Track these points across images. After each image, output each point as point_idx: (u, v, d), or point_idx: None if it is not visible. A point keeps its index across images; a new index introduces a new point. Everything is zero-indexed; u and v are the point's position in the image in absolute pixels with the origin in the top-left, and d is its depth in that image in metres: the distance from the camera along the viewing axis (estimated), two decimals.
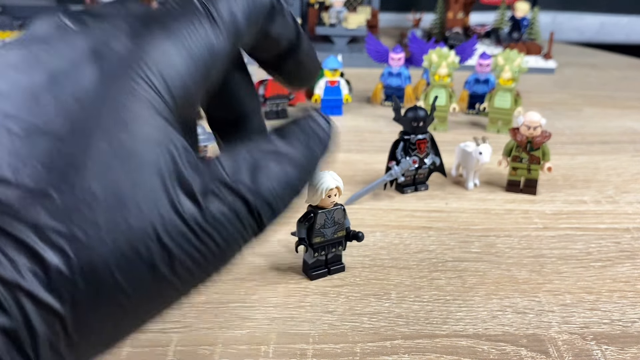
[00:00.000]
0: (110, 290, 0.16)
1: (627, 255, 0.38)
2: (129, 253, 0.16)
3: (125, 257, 0.16)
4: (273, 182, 0.19)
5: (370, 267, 0.36)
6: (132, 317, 0.17)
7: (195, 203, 0.17)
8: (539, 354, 0.28)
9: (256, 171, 0.19)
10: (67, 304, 0.15)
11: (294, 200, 0.20)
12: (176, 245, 0.17)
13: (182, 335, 0.29)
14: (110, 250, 0.15)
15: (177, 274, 0.17)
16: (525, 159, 0.46)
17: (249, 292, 0.33)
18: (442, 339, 0.29)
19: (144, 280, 0.16)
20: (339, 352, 0.28)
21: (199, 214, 0.17)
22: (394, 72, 0.71)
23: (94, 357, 0.17)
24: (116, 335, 0.17)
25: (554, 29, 1.19)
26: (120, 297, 0.16)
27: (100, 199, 0.15)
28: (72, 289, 0.15)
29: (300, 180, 0.20)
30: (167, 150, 0.17)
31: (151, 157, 0.17)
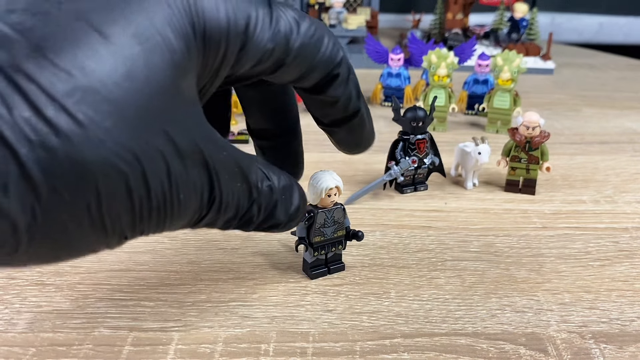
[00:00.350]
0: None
1: (626, 255, 0.38)
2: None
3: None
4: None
5: (369, 266, 0.36)
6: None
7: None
8: (538, 353, 0.28)
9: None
10: (47, 175, 0.15)
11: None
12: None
13: (183, 333, 0.29)
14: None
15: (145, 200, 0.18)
16: (524, 159, 0.46)
17: (249, 291, 0.33)
18: (441, 338, 0.29)
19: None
20: (339, 350, 0.28)
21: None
22: (393, 72, 0.71)
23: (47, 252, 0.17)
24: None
25: (552, 29, 1.20)
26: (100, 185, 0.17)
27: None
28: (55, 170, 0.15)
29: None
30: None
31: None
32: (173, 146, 0.18)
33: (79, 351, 0.28)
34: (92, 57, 0.16)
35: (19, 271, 0.34)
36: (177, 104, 0.18)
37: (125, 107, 0.16)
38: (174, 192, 0.19)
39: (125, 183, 0.17)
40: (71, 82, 0.15)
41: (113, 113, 0.16)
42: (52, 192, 0.16)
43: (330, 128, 0.28)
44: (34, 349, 0.28)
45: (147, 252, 0.36)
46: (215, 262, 0.36)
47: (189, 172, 0.19)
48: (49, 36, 0.16)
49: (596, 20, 1.49)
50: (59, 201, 0.16)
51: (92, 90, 0.16)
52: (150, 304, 0.31)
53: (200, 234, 0.39)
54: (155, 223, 0.19)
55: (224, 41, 0.20)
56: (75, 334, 0.29)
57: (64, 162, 0.15)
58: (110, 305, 0.31)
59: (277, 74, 0.23)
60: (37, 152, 0.15)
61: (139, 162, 0.17)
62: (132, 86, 0.17)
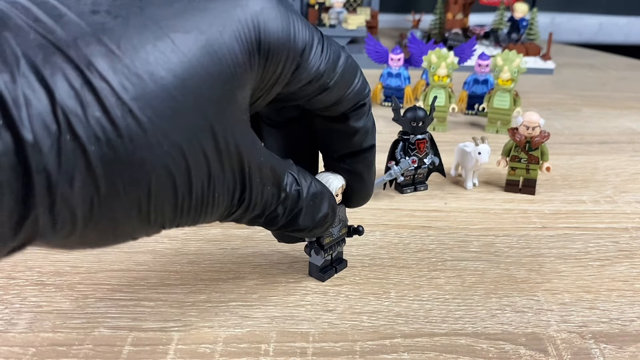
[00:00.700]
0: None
1: (626, 255, 0.38)
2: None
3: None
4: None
5: (369, 266, 0.36)
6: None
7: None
8: (538, 353, 0.28)
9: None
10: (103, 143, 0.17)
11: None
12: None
13: (183, 333, 0.29)
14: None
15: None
16: (524, 159, 0.46)
17: (249, 291, 0.33)
18: (441, 338, 0.29)
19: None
20: (339, 350, 0.28)
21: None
22: (393, 72, 0.71)
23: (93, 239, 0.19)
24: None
25: (552, 29, 1.20)
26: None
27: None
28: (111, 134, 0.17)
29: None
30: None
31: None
32: (218, 151, 0.20)
33: (79, 351, 0.28)
34: (162, 64, 0.17)
35: (19, 271, 0.34)
36: (231, 113, 0.20)
37: (184, 112, 0.18)
38: (211, 191, 0.20)
39: (173, 181, 0.19)
40: (140, 87, 0.17)
41: (172, 117, 0.18)
42: (110, 186, 0.17)
43: (338, 164, 0.30)
44: (33, 349, 0.28)
45: (147, 252, 0.36)
46: (215, 262, 0.36)
47: (226, 174, 0.21)
48: (126, 39, 0.17)
49: (596, 20, 1.49)
50: (115, 195, 0.17)
51: (157, 95, 0.17)
52: (150, 304, 0.31)
53: (200, 234, 0.39)
54: (192, 217, 0.21)
55: (282, 60, 0.22)
56: (75, 334, 0.29)
57: (124, 160, 0.17)
58: (110, 305, 0.31)
59: (320, 96, 0.25)
60: (103, 150, 0.16)
61: (187, 163, 0.19)
62: (193, 92, 0.18)
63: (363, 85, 0.28)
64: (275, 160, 0.25)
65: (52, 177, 0.16)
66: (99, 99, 0.16)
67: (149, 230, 0.20)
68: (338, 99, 0.26)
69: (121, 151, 0.17)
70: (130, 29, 0.17)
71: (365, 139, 0.29)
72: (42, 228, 0.16)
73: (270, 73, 0.22)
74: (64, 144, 0.16)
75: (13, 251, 0.17)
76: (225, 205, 0.22)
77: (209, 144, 0.19)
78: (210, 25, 0.19)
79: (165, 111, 0.17)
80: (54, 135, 0.15)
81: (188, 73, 0.18)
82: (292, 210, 0.26)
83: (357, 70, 0.27)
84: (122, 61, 0.17)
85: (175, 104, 0.18)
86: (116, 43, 0.17)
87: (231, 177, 0.21)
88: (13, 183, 0.15)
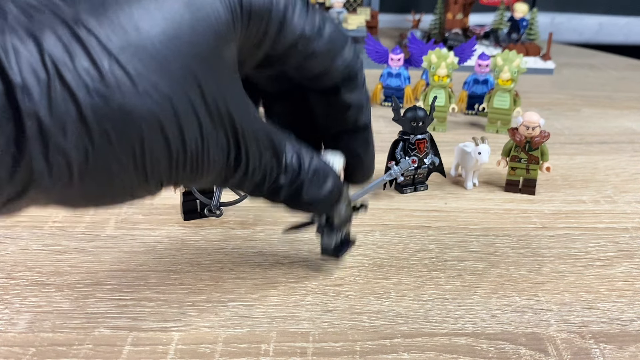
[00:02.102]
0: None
1: (626, 255, 0.38)
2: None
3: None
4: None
5: (369, 266, 0.36)
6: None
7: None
8: (538, 353, 0.28)
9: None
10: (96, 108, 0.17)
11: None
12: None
13: (183, 333, 0.29)
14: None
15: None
16: (524, 159, 0.46)
17: (249, 291, 0.33)
18: (441, 338, 0.29)
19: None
20: (339, 350, 0.28)
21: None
22: (393, 72, 0.71)
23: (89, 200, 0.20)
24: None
25: (552, 29, 1.20)
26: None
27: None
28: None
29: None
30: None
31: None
32: (207, 107, 0.20)
33: (79, 351, 0.28)
34: (146, 18, 0.18)
35: (19, 271, 0.34)
36: (217, 69, 0.20)
37: (170, 65, 0.19)
38: (205, 147, 0.21)
39: (165, 133, 0.19)
40: (125, 39, 0.18)
41: (159, 69, 0.18)
42: (103, 135, 0.18)
43: (336, 143, 0.30)
44: (33, 349, 0.28)
45: (147, 252, 0.36)
46: (215, 262, 0.36)
47: (218, 133, 0.21)
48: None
49: (596, 20, 1.49)
50: (108, 144, 0.18)
51: (143, 47, 0.18)
52: (150, 304, 0.31)
53: (200, 234, 0.39)
54: (188, 174, 0.21)
55: (265, 19, 0.23)
56: (75, 334, 0.29)
57: (115, 110, 0.17)
58: (110, 305, 0.31)
59: (307, 63, 0.26)
60: (93, 98, 0.17)
61: (177, 116, 0.19)
62: (178, 47, 0.19)
63: (353, 56, 0.27)
64: (273, 130, 0.25)
65: (44, 123, 0.16)
66: (87, 50, 0.17)
67: (149, 187, 0.21)
68: (327, 68, 0.26)
69: (111, 100, 0.17)
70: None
71: (359, 115, 0.29)
72: (37, 174, 0.17)
73: (254, 32, 0.23)
74: (54, 92, 0.16)
75: (12, 200, 0.18)
76: (220, 165, 0.22)
77: (197, 98, 0.20)
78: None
79: (151, 63, 0.18)
80: (43, 82, 0.16)
81: (172, 28, 0.19)
82: (293, 182, 0.26)
83: (347, 40, 0.27)
84: (108, 16, 0.17)
85: (161, 57, 0.18)
86: (101, 0, 0.18)
87: (224, 136, 0.22)
88: (4, 124, 0.16)
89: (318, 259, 0.36)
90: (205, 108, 0.20)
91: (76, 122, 0.17)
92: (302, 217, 0.33)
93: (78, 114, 0.17)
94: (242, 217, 0.41)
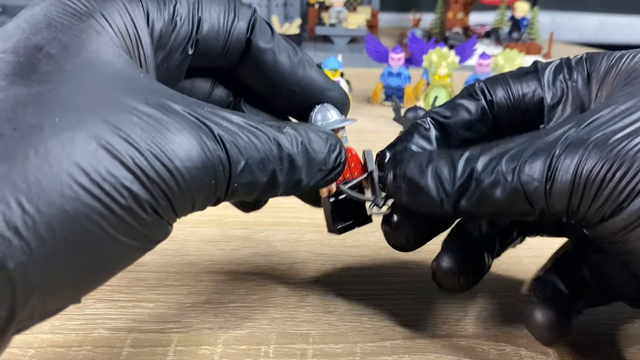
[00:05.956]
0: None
1: None
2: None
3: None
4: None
5: (370, 266, 0.36)
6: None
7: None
8: (539, 354, 0.28)
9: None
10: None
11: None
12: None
13: (182, 335, 0.29)
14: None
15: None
16: None
17: (249, 292, 0.33)
18: (442, 339, 0.29)
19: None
20: (339, 352, 0.28)
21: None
22: (394, 72, 0.71)
23: (53, 311, 0.18)
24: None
25: (553, 29, 1.20)
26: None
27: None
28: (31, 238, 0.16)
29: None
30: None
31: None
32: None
33: (78, 352, 0.27)
34: (36, 180, 0.16)
35: None
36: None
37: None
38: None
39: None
40: (16, 211, 0.16)
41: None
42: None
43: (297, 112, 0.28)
44: (32, 351, 0.28)
45: (146, 253, 0.36)
46: (215, 263, 0.36)
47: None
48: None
49: (597, 19, 1.49)
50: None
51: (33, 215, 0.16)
52: (150, 305, 0.31)
53: (199, 235, 0.39)
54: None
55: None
56: (74, 335, 0.29)
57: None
58: (109, 307, 0.31)
59: (200, 43, 0.25)
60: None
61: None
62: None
63: (240, 14, 0.25)
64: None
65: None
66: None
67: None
68: (224, 42, 0.25)
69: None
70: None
71: (293, 62, 0.26)
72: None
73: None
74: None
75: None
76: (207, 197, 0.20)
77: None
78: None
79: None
80: None
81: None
82: (282, 159, 0.22)
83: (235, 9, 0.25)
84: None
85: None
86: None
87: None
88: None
89: (318, 260, 0.36)
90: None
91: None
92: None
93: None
94: (242, 217, 0.41)
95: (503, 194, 0.22)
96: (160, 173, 0.18)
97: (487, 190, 0.22)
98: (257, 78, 0.27)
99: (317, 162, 0.24)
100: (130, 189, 0.17)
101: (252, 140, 0.21)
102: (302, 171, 0.23)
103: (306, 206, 0.33)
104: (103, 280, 0.19)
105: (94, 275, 0.18)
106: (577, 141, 0.21)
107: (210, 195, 0.20)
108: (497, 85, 0.29)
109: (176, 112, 0.19)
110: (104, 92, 0.18)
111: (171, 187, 0.18)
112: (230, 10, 0.25)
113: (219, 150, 0.20)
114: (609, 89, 0.25)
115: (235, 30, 0.25)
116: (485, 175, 0.22)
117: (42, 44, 0.19)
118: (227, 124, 0.20)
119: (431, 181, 0.24)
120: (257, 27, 0.26)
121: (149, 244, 0.20)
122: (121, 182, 0.17)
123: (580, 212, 0.21)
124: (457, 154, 0.24)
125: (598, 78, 0.26)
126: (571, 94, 0.27)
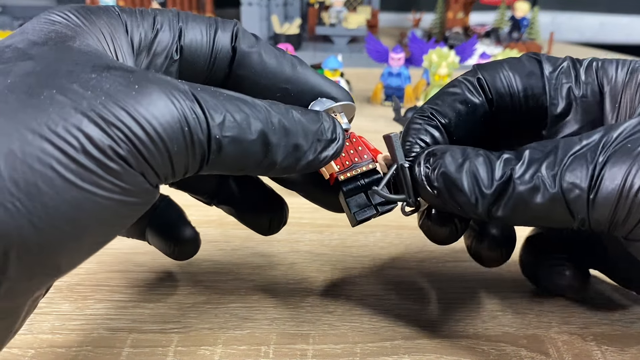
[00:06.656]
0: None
1: None
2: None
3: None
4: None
5: (370, 267, 0.36)
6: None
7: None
8: (539, 355, 0.28)
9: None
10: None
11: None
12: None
13: (183, 335, 0.29)
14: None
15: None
16: None
17: (249, 293, 0.33)
18: (442, 339, 0.29)
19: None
20: (339, 352, 0.28)
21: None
22: (394, 72, 0.71)
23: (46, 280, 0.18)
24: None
25: (553, 29, 1.20)
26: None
27: None
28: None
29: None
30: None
31: None
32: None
33: (78, 353, 0.27)
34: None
35: None
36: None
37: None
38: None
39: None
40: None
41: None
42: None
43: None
44: (32, 351, 0.28)
45: (146, 253, 0.36)
46: (214, 263, 0.36)
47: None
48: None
49: (597, 19, 1.49)
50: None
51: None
52: (150, 306, 0.31)
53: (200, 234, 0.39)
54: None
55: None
56: (74, 335, 0.29)
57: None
58: (109, 307, 0.31)
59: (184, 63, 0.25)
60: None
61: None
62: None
63: (222, 26, 0.26)
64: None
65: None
66: None
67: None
68: (209, 50, 0.26)
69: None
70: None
71: (281, 63, 0.26)
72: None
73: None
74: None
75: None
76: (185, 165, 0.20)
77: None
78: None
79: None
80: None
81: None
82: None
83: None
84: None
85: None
86: None
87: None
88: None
89: (318, 260, 0.36)
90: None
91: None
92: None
93: None
94: None
95: (542, 200, 0.21)
96: (118, 115, 0.17)
97: (525, 196, 0.21)
98: (249, 82, 0.27)
99: (312, 131, 0.23)
100: (84, 131, 0.17)
101: (229, 95, 0.20)
102: (298, 136, 0.22)
103: (306, 206, 0.33)
104: (92, 239, 0.18)
105: (75, 230, 0.17)
106: (623, 150, 0.19)
107: (190, 147, 0.19)
108: (498, 83, 0.28)
109: (145, 72, 0.19)
110: (70, 61, 0.19)
111: (134, 131, 0.17)
112: (211, 23, 0.26)
113: (189, 100, 0.19)
114: (629, 104, 0.24)
115: (219, 39, 0.26)
116: (524, 180, 0.21)
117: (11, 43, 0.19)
118: (200, 87, 0.20)
119: (466, 179, 0.22)
120: (240, 35, 0.26)
121: (132, 201, 0.18)
122: (73, 123, 0.16)
123: (627, 226, 0.19)
124: (494, 153, 0.23)
125: (614, 94, 0.25)
126: (581, 108, 0.26)
